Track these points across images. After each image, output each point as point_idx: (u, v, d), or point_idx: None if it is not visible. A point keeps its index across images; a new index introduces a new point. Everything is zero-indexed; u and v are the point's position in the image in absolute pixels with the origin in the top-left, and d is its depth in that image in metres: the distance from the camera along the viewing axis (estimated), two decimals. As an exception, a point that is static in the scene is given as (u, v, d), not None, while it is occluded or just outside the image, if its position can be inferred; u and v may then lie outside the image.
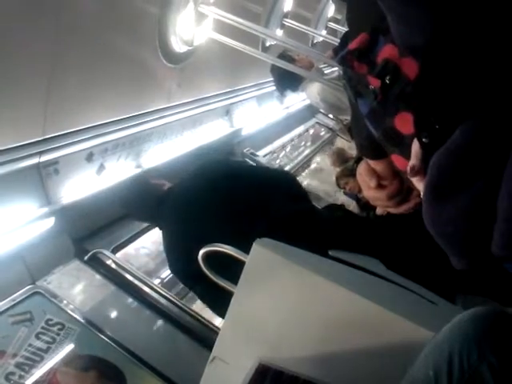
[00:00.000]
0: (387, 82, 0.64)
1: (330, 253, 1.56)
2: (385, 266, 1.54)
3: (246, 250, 1.35)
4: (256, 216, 1.72)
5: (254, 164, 3.74)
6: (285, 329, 1.32)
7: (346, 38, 2.88)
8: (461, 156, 0.54)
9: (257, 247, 1.31)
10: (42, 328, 1.77)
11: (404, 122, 0.64)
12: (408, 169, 0.63)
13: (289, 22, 3.94)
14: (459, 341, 0.70)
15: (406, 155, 0.65)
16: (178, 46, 2.56)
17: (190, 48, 2.66)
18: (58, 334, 1.78)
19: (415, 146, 0.62)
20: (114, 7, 2.01)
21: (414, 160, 0.62)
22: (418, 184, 0.63)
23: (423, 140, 0.60)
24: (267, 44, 3.78)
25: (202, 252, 1.49)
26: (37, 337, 1.74)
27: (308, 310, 1.30)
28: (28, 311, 1.81)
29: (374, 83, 0.66)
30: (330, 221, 1.83)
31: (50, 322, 1.81)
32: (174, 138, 2.90)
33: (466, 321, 0.73)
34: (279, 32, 3.91)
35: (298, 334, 1.31)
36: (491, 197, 0.52)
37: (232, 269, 1.38)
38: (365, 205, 3.53)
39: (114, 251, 2.32)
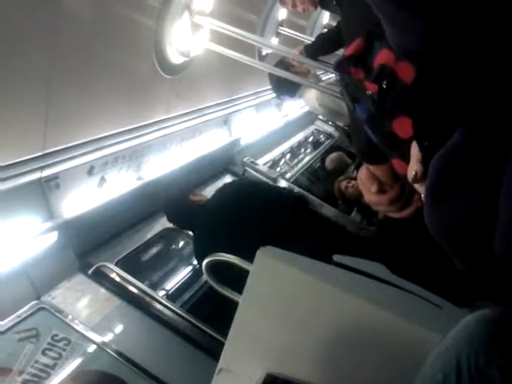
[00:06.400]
0: (384, 86, 0.64)
1: (335, 258, 1.55)
2: (389, 270, 1.54)
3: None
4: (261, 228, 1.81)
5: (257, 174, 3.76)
6: (291, 337, 1.32)
7: (320, 38, 2.91)
8: (459, 158, 0.54)
9: (260, 256, 1.31)
10: (48, 344, 1.77)
11: (402, 126, 0.64)
12: (410, 175, 0.62)
13: (284, 31, 3.96)
14: (466, 345, 0.69)
15: (406, 159, 0.65)
16: (174, 57, 2.57)
17: (187, 59, 2.67)
18: (65, 350, 1.78)
19: (414, 150, 0.62)
20: (110, 21, 2.02)
21: (414, 164, 0.61)
22: (420, 187, 0.63)
23: (423, 143, 0.60)
24: (263, 53, 3.79)
25: (205, 262, 1.49)
26: (43, 353, 1.73)
27: (314, 318, 1.29)
28: (33, 327, 1.81)
29: (371, 88, 0.66)
30: (334, 227, 1.84)
31: (56, 338, 1.80)
32: (173, 149, 2.90)
33: (473, 324, 0.72)
34: (275, 40, 3.93)
35: (305, 343, 1.30)
36: (491, 197, 0.52)
37: (239, 278, 1.38)
38: (366, 211, 3.52)
39: (118, 264, 2.31)
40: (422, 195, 0.61)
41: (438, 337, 1.03)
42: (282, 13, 3.90)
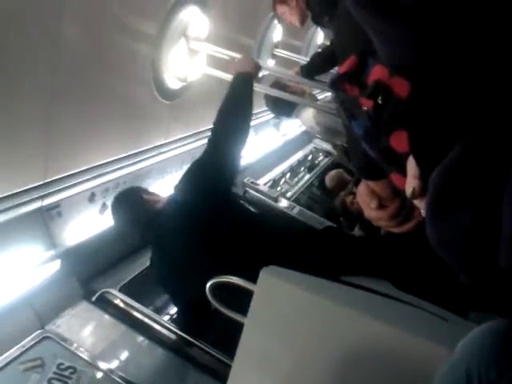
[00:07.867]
0: (379, 102, 0.64)
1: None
2: (393, 285, 1.53)
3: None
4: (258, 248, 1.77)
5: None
6: (299, 358, 1.30)
7: (315, 57, 2.93)
8: (460, 172, 0.54)
9: (264, 276, 1.31)
10: (54, 373, 1.75)
11: (399, 141, 0.64)
12: (408, 191, 0.62)
13: (280, 52, 4.01)
14: (476, 358, 0.68)
15: (404, 173, 0.65)
16: (172, 82, 2.60)
17: (185, 84, 2.70)
18: (71, 378, 1.75)
19: (411, 165, 0.62)
20: (108, 49, 2.05)
21: (411, 180, 0.61)
22: (419, 203, 0.63)
23: (421, 158, 0.60)
24: (260, 75, 3.83)
25: (209, 284, 1.49)
26: (49, 383, 1.71)
27: (321, 337, 1.28)
28: (39, 357, 1.79)
29: (367, 104, 0.66)
30: (335, 245, 1.83)
31: (62, 367, 1.78)
32: (173, 173, 2.91)
33: (481, 336, 0.71)
34: (271, 62, 3.97)
35: (314, 363, 1.29)
36: (494, 211, 0.51)
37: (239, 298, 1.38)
38: (368, 227, 3.51)
39: (122, 290, 2.30)
40: (422, 211, 0.60)
41: (446, 350, 1.02)
42: (277, 35, 3.96)
